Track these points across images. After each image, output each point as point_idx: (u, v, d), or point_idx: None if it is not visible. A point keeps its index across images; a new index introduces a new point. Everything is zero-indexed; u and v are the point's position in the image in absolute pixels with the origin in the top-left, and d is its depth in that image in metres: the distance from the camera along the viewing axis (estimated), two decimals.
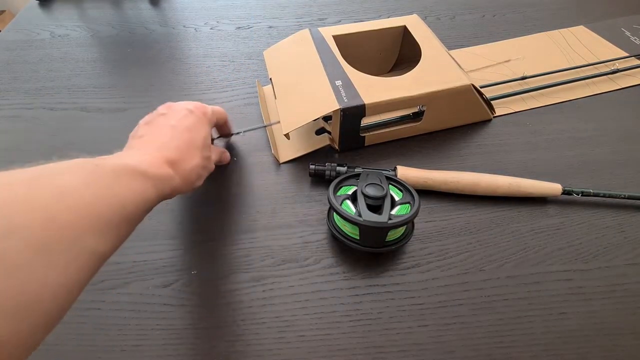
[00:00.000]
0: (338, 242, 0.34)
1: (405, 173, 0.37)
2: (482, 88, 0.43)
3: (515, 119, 0.46)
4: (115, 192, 0.23)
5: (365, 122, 0.41)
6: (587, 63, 0.53)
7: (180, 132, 0.31)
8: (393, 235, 0.32)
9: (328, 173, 0.38)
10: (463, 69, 0.42)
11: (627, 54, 0.54)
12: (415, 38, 0.45)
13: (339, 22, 0.64)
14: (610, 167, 0.41)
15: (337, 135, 0.40)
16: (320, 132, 0.43)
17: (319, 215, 0.37)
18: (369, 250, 0.32)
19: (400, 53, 0.51)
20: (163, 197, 0.27)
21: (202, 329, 0.30)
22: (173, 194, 0.29)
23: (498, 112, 0.47)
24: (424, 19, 0.59)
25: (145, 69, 0.54)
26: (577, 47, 0.56)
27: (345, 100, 0.37)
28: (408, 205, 0.33)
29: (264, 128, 0.44)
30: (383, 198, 0.32)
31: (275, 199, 0.38)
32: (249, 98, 0.49)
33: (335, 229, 0.33)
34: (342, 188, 0.35)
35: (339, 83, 0.39)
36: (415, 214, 0.31)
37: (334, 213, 0.33)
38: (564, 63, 0.53)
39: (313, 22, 0.64)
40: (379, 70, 0.52)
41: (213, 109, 0.36)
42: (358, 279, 0.33)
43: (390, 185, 0.35)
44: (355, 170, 0.37)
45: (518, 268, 0.33)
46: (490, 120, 0.46)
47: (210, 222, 0.36)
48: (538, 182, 0.37)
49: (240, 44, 0.59)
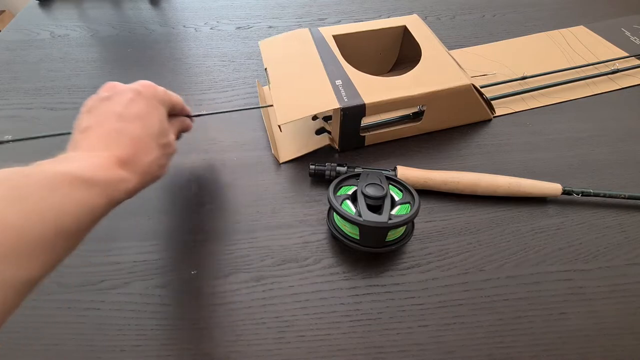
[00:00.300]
0: (338, 242, 0.34)
1: (405, 173, 0.37)
2: (482, 88, 0.43)
3: (515, 119, 0.46)
4: (50, 205, 0.20)
5: (365, 121, 0.41)
6: (587, 63, 0.53)
7: (130, 121, 0.27)
8: (393, 235, 0.32)
9: (328, 173, 0.38)
10: (463, 69, 0.42)
11: (627, 54, 0.54)
12: (415, 38, 0.45)
13: (339, 22, 0.64)
14: (610, 167, 0.41)
15: (337, 135, 0.40)
16: (320, 132, 0.43)
17: (319, 215, 0.37)
18: (369, 250, 0.32)
19: (400, 53, 0.51)
20: (116, 202, 0.24)
21: (202, 329, 0.30)
22: (130, 196, 0.26)
23: (498, 112, 0.47)
24: (424, 19, 0.59)
25: (145, 69, 0.54)
26: (577, 47, 0.56)
27: (346, 100, 0.37)
28: (408, 205, 0.33)
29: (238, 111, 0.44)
30: (383, 198, 0.32)
31: (275, 199, 0.38)
32: (249, 98, 0.49)
33: (335, 229, 0.33)
34: (342, 188, 0.35)
35: (339, 83, 0.39)
36: (415, 214, 0.31)
37: (334, 213, 0.33)
38: (564, 63, 0.53)
39: (313, 22, 0.64)
40: (379, 70, 0.52)
41: (164, 89, 0.32)
42: (358, 279, 0.33)
43: (390, 185, 0.35)
44: (355, 170, 0.37)
45: (518, 268, 0.33)
46: (490, 120, 0.46)
47: (210, 222, 0.36)
48: (538, 182, 0.37)
49: (240, 44, 0.59)
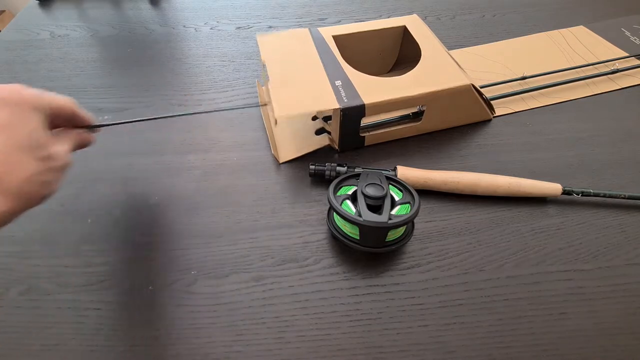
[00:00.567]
0: (338, 242, 0.34)
1: (405, 173, 0.37)
2: (482, 88, 0.43)
3: (515, 119, 0.46)
4: None
5: (365, 121, 0.41)
6: (587, 63, 0.53)
7: None
8: (393, 235, 0.32)
9: (328, 173, 0.38)
10: (463, 69, 0.42)
11: (627, 54, 0.54)
12: (415, 38, 0.45)
13: (339, 22, 0.64)
14: (610, 167, 0.41)
15: (337, 135, 0.40)
16: (320, 132, 0.43)
17: (319, 215, 0.37)
18: (369, 250, 0.32)
19: (400, 53, 0.51)
20: None
21: (202, 329, 0.30)
22: (4, 222, 0.22)
23: (498, 112, 0.47)
24: (424, 19, 0.59)
25: (145, 69, 0.54)
26: (577, 47, 0.56)
27: (345, 100, 0.37)
28: (408, 205, 0.33)
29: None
30: (383, 198, 0.32)
31: (275, 199, 0.38)
32: (249, 98, 0.49)
33: (335, 229, 0.33)
34: (342, 188, 0.35)
35: (339, 83, 0.39)
36: (415, 214, 0.31)
37: (334, 213, 0.33)
38: (564, 63, 0.53)
39: (313, 22, 0.64)
40: (379, 70, 0.52)
41: (40, 93, 0.26)
42: (358, 279, 0.33)
43: (390, 185, 0.35)
44: (355, 170, 0.37)
45: (518, 268, 0.33)
46: (490, 120, 0.46)
47: (210, 222, 0.36)
48: (538, 182, 0.37)
49: (240, 44, 0.59)
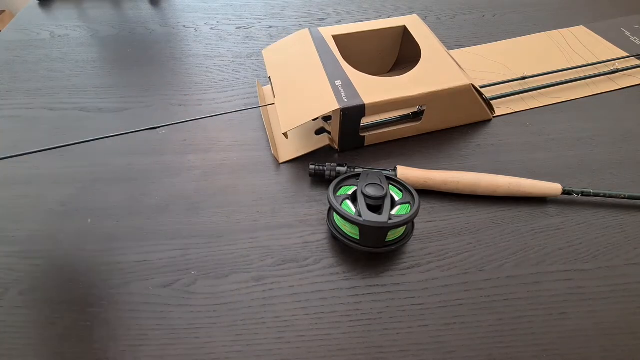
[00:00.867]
0: (338, 242, 0.34)
1: (405, 173, 0.37)
2: (482, 88, 0.43)
3: (515, 119, 0.46)
4: None
5: (365, 121, 0.41)
6: (587, 63, 0.53)
7: None
8: (393, 235, 0.32)
9: (328, 173, 0.38)
10: (463, 69, 0.42)
11: (627, 54, 0.54)
12: (415, 38, 0.45)
13: (339, 22, 0.64)
14: (610, 167, 0.41)
15: (337, 135, 0.40)
16: (320, 132, 0.43)
17: (319, 215, 0.37)
18: (369, 250, 0.32)
19: (400, 53, 0.51)
20: None
21: (202, 329, 0.30)
22: None
23: (498, 112, 0.47)
24: (424, 19, 0.59)
25: (145, 69, 0.54)
26: (577, 47, 0.56)
27: (345, 100, 0.37)
28: (408, 205, 0.33)
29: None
30: (383, 198, 0.32)
31: (275, 199, 0.38)
32: (249, 98, 0.49)
33: (335, 229, 0.33)
34: (342, 188, 0.35)
35: (339, 83, 0.39)
36: (415, 214, 0.31)
37: (334, 213, 0.33)
38: (564, 63, 0.53)
39: (313, 22, 0.64)
40: (379, 70, 0.52)
41: None
42: (358, 279, 0.33)
43: (390, 185, 0.35)
44: (355, 170, 0.37)
45: (518, 268, 0.33)
46: (490, 120, 0.46)
47: (210, 222, 0.36)
48: (538, 182, 0.37)
49: (240, 44, 0.59)
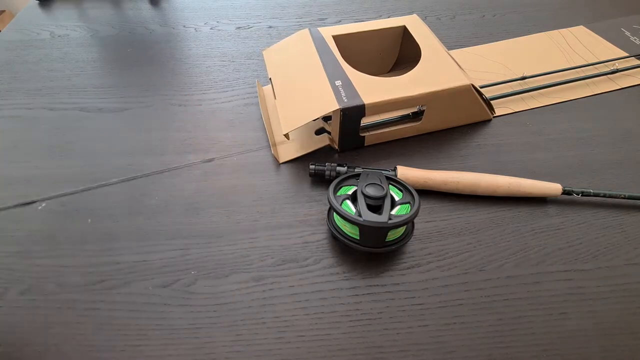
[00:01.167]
0: (338, 242, 0.34)
1: (405, 173, 0.37)
2: (482, 88, 0.43)
3: (515, 119, 0.46)
4: None
5: (365, 121, 0.41)
6: (587, 63, 0.53)
7: None
8: (393, 235, 0.32)
9: (328, 173, 0.38)
10: (463, 69, 0.42)
11: (627, 54, 0.54)
12: (415, 38, 0.45)
13: (339, 22, 0.64)
14: (610, 167, 0.41)
15: (337, 135, 0.40)
16: (320, 132, 0.43)
17: (319, 215, 0.37)
18: (369, 250, 0.32)
19: (400, 53, 0.51)
20: None
21: (202, 329, 0.30)
22: None
23: (498, 112, 0.47)
24: (424, 19, 0.59)
25: (145, 69, 0.54)
26: (577, 47, 0.56)
27: (345, 100, 0.37)
28: (408, 205, 0.33)
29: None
30: (383, 198, 0.32)
31: (275, 199, 0.38)
32: (249, 98, 0.49)
33: (335, 229, 0.33)
34: (342, 188, 0.35)
35: (339, 83, 0.39)
36: (415, 214, 0.31)
37: (334, 213, 0.33)
38: (564, 63, 0.53)
39: (313, 22, 0.64)
40: (379, 70, 0.52)
41: None
42: (358, 279, 0.33)
43: (390, 185, 0.35)
44: (355, 170, 0.37)
45: (518, 268, 0.33)
46: (490, 120, 0.46)
47: (210, 222, 0.36)
48: (538, 182, 0.37)
49: (240, 44, 0.59)
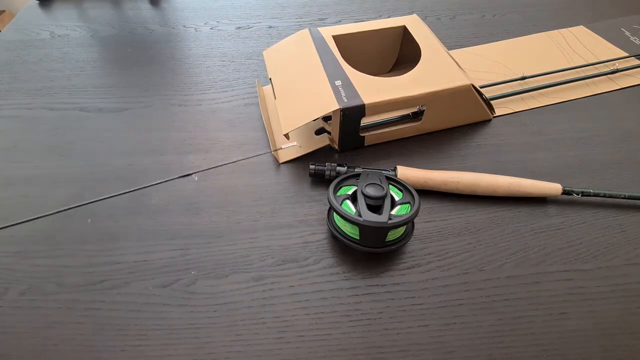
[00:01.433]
0: (338, 242, 0.34)
1: (405, 173, 0.37)
2: (482, 88, 0.43)
3: (515, 119, 0.46)
4: None
5: (365, 121, 0.41)
6: (586, 63, 0.53)
7: None
8: (393, 235, 0.32)
9: (328, 173, 0.38)
10: (463, 69, 0.42)
11: (627, 54, 0.54)
12: (415, 38, 0.45)
13: (339, 22, 0.64)
14: (610, 167, 0.41)
15: (336, 135, 0.40)
16: (320, 132, 0.43)
17: (319, 215, 0.37)
18: (369, 250, 0.32)
19: (400, 53, 0.51)
20: None
21: (202, 329, 0.30)
22: None
23: (498, 112, 0.47)
24: (424, 19, 0.59)
25: (145, 69, 0.54)
26: (577, 47, 0.56)
27: (345, 100, 0.37)
28: (408, 205, 0.33)
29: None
30: (383, 198, 0.32)
31: (275, 199, 0.38)
32: (249, 98, 0.49)
33: (335, 229, 0.33)
34: (342, 188, 0.35)
35: (339, 83, 0.39)
36: (415, 214, 0.31)
37: (334, 213, 0.33)
38: (564, 63, 0.53)
39: (313, 22, 0.64)
40: (379, 70, 0.52)
41: None
42: (358, 279, 0.33)
43: (390, 185, 0.35)
44: (355, 170, 0.37)
45: (518, 268, 0.33)
46: (490, 120, 0.46)
47: (210, 222, 0.36)
48: (538, 182, 0.37)
49: (240, 44, 0.59)
